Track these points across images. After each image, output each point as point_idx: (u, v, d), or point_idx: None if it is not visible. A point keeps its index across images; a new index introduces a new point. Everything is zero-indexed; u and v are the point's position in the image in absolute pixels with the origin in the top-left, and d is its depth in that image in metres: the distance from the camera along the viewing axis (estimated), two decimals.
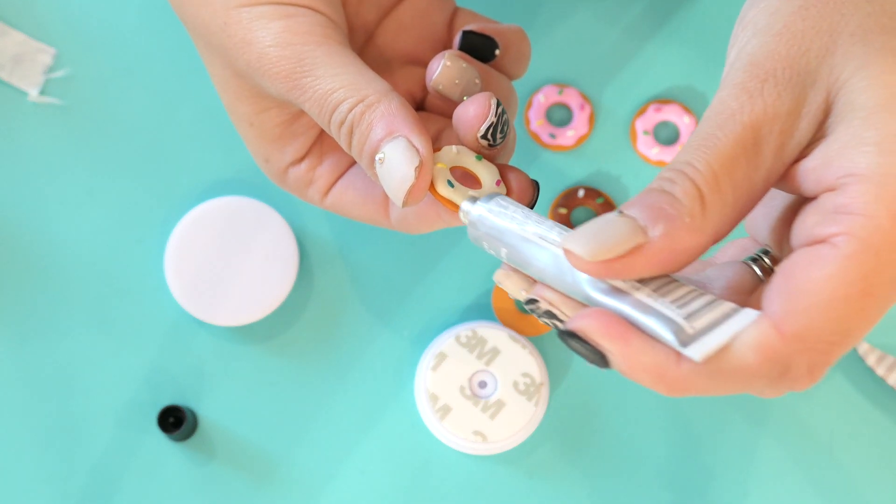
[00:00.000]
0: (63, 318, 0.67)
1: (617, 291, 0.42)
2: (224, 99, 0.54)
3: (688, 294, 0.42)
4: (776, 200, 0.45)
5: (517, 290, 0.45)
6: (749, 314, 0.41)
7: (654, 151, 0.69)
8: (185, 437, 0.66)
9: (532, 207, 0.49)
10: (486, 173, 0.49)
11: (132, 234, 0.68)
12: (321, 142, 0.55)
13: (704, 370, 0.40)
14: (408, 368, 0.67)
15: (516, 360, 0.66)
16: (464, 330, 0.66)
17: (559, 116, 0.69)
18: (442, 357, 0.66)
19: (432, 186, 0.48)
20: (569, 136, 0.69)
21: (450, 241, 0.68)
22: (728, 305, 0.42)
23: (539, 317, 0.44)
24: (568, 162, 0.69)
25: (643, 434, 0.67)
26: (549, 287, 0.44)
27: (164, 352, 0.67)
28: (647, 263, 0.41)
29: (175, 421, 0.65)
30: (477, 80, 0.52)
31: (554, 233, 0.44)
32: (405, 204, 0.47)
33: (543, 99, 0.69)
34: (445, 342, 0.66)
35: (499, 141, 0.49)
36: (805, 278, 0.40)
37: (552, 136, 0.69)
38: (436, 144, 0.53)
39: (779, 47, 0.42)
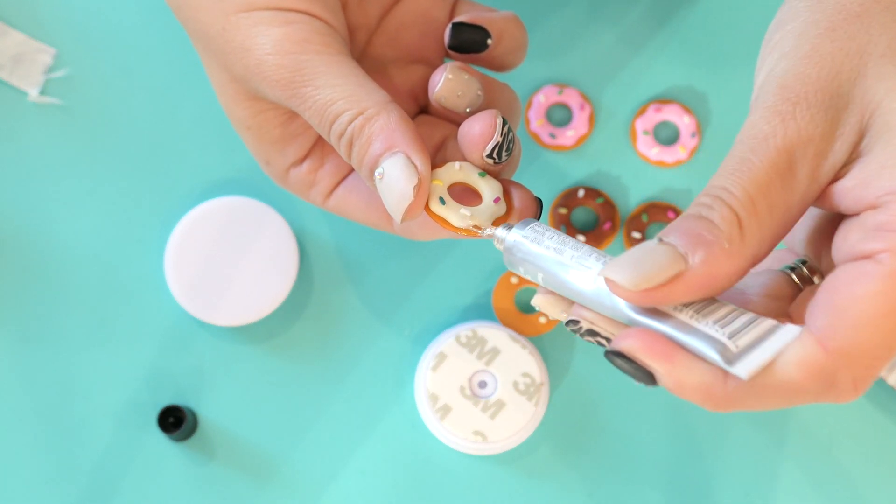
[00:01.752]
0: (63, 318, 0.67)
1: (659, 313, 0.42)
2: (222, 102, 0.54)
3: (730, 313, 0.42)
4: (812, 212, 0.46)
5: (557, 312, 0.45)
6: (791, 330, 0.41)
7: (654, 151, 0.69)
8: (185, 437, 0.66)
9: None
10: (487, 190, 0.49)
11: (132, 234, 0.67)
12: (322, 144, 0.54)
13: (751, 387, 0.41)
14: (408, 368, 0.67)
15: (516, 360, 0.66)
16: (464, 330, 0.66)
17: (559, 116, 0.69)
18: (442, 357, 0.66)
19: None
20: (569, 136, 0.69)
21: (450, 242, 0.68)
22: (769, 322, 0.42)
23: (582, 336, 0.45)
24: (568, 162, 0.69)
25: (643, 434, 0.67)
26: (587, 308, 0.44)
27: (164, 352, 0.67)
28: (688, 290, 0.41)
29: (175, 421, 0.65)
30: (480, 92, 0.52)
31: (591, 259, 0.44)
32: (403, 219, 0.48)
33: (543, 99, 0.69)
34: (445, 342, 0.66)
35: (504, 159, 0.49)
36: (849, 295, 0.40)
37: (552, 136, 0.69)
38: (440, 152, 0.53)
39: (808, 70, 0.43)
